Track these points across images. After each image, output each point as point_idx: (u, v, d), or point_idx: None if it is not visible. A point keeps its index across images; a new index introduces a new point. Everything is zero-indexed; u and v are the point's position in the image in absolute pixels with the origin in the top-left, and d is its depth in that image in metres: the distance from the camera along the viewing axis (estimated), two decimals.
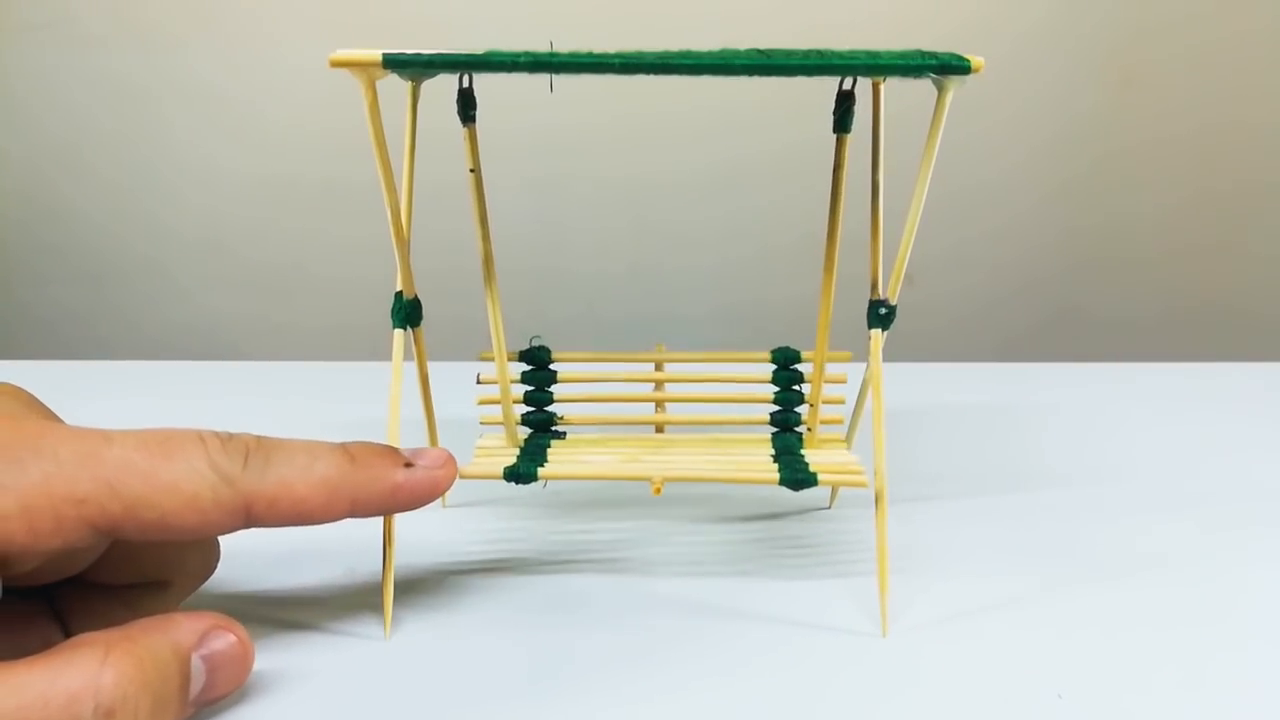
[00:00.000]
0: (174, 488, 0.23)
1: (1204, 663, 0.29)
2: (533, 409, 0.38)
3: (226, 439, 0.25)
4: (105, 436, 0.24)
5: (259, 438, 0.26)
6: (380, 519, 0.30)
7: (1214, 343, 0.81)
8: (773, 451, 0.37)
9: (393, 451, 0.28)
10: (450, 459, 0.29)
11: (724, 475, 0.34)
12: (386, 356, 0.31)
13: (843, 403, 0.38)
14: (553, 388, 0.38)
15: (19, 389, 0.27)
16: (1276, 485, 0.42)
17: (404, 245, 0.31)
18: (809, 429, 0.37)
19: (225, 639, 0.25)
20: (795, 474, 0.33)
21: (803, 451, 0.36)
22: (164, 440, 0.24)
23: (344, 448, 0.27)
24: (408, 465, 0.28)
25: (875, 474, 0.31)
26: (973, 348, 0.80)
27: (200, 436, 0.25)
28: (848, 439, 0.38)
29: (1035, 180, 0.77)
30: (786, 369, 0.38)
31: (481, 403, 0.38)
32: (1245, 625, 0.31)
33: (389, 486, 0.27)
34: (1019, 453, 0.46)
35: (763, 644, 0.30)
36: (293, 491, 0.25)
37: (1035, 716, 0.27)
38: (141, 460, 0.23)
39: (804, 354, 0.38)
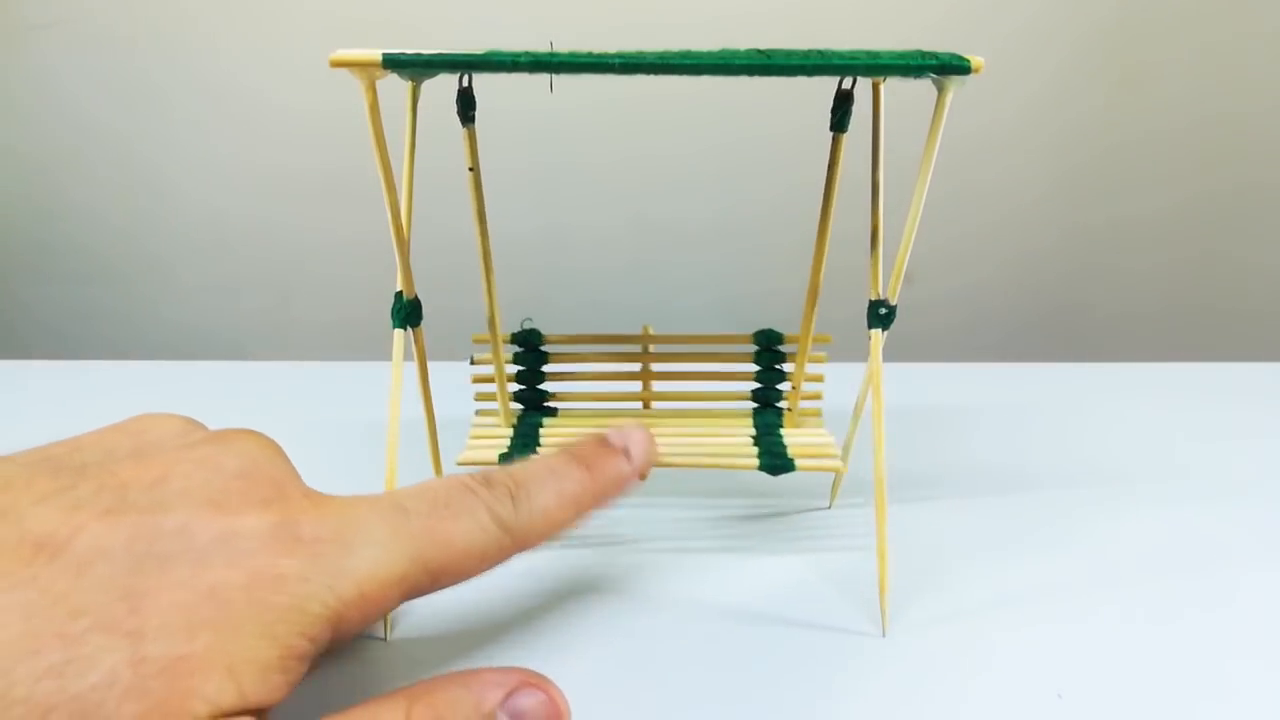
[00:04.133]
0: (468, 550, 0.24)
1: (1204, 662, 0.29)
2: (524, 387, 0.40)
3: (486, 482, 0.25)
4: (397, 506, 0.24)
5: (508, 471, 0.26)
6: None
7: (1214, 343, 0.81)
8: (754, 431, 0.38)
9: (605, 444, 0.28)
10: (648, 436, 0.29)
11: (706, 461, 0.35)
12: (386, 356, 0.31)
13: (822, 381, 0.39)
14: (545, 368, 0.40)
15: (265, 439, 0.25)
16: (1277, 485, 0.42)
17: (404, 245, 0.31)
18: (790, 408, 0.40)
19: (534, 697, 0.23)
20: (774, 460, 0.35)
21: (782, 430, 0.38)
22: (447, 501, 0.24)
23: (574, 456, 0.27)
24: (626, 453, 0.28)
25: (876, 474, 0.31)
26: (973, 348, 0.80)
27: (469, 486, 0.25)
28: (847, 442, 0.38)
29: (1035, 180, 0.77)
30: (769, 350, 0.40)
31: (476, 381, 0.40)
32: (1245, 624, 0.31)
33: (619, 485, 0.28)
34: (1018, 452, 0.46)
35: (763, 643, 0.30)
36: (552, 520, 0.26)
37: (1035, 716, 0.27)
38: (438, 528, 0.24)
39: (786, 336, 0.40)
